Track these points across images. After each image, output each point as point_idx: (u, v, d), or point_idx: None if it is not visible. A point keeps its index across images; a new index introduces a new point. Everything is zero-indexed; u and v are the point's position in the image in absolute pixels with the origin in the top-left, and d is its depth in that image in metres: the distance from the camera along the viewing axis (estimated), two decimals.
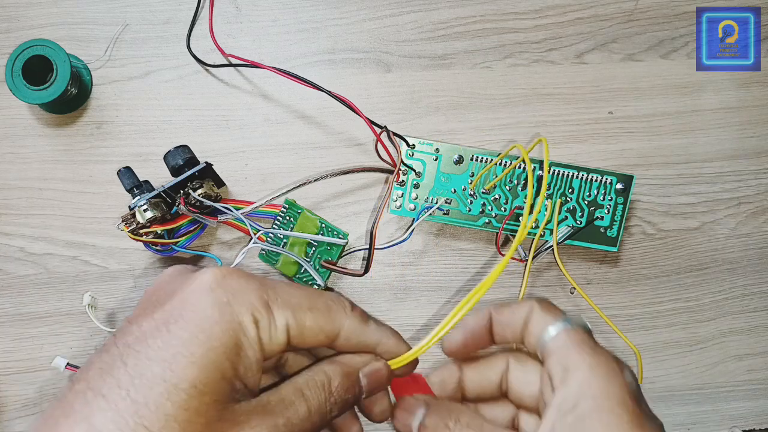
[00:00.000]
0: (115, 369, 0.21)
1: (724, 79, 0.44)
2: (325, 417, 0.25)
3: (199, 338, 0.22)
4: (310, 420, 0.24)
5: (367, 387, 0.26)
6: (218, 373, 0.22)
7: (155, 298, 0.24)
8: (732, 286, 0.44)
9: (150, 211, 0.37)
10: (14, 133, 0.42)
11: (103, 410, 0.20)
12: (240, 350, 0.23)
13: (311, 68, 0.42)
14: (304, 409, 0.24)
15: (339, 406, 0.25)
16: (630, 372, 0.26)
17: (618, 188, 0.40)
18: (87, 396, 0.21)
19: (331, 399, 0.25)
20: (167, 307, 0.23)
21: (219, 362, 0.22)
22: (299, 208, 0.40)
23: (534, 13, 0.43)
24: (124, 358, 0.22)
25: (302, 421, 0.24)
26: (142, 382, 0.21)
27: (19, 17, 0.42)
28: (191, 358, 0.21)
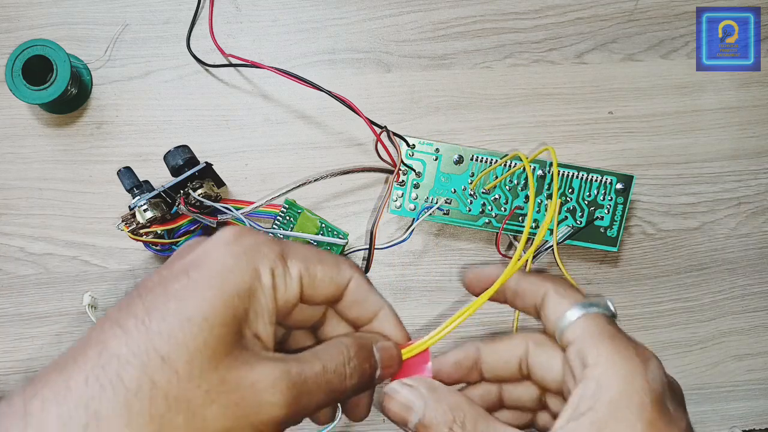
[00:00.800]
0: (132, 305, 0.23)
1: (724, 79, 0.44)
2: (344, 380, 0.25)
3: (214, 281, 0.23)
4: (326, 377, 0.25)
5: (380, 362, 0.27)
6: (230, 311, 0.23)
7: (177, 255, 0.25)
8: (732, 286, 0.44)
9: (150, 211, 0.37)
10: (14, 133, 0.42)
11: (117, 336, 0.22)
12: (253, 295, 0.24)
13: (311, 68, 0.42)
14: (318, 366, 0.25)
15: (358, 373, 0.26)
16: (655, 366, 0.25)
17: (618, 188, 0.40)
18: (104, 326, 0.22)
19: (350, 363, 0.26)
20: (187, 259, 0.24)
21: (231, 302, 0.23)
22: (299, 208, 0.40)
23: (534, 13, 0.43)
24: (143, 297, 0.23)
25: (317, 376, 0.24)
26: (157, 314, 0.22)
27: (19, 17, 0.42)
28: (205, 295, 0.23)
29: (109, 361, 0.21)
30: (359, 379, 0.26)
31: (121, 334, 0.22)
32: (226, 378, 0.22)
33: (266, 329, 0.24)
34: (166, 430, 0.21)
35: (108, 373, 0.21)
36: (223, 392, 0.22)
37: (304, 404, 0.24)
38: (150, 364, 0.21)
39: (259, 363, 0.23)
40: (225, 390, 0.22)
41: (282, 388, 0.23)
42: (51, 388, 0.21)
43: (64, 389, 0.21)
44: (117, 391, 0.21)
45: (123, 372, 0.21)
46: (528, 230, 0.34)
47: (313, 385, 0.24)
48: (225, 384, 0.22)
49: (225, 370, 0.22)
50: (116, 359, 0.21)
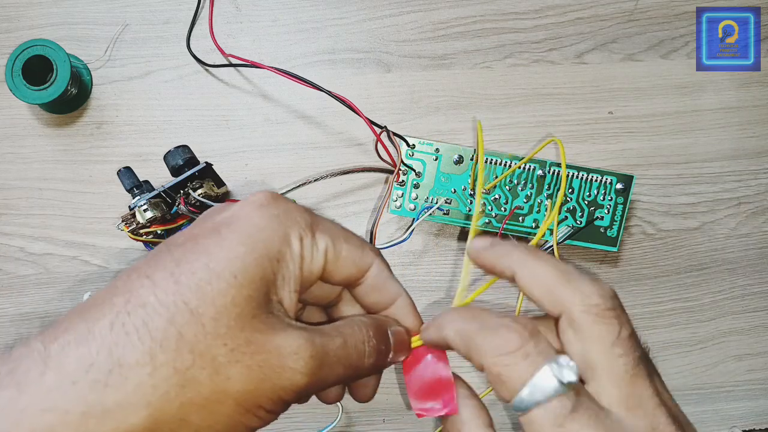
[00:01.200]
0: (161, 259, 0.22)
1: (724, 79, 0.44)
2: (363, 358, 0.25)
3: (246, 240, 0.23)
4: (347, 351, 0.24)
5: (393, 345, 0.27)
6: (259, 272, 0.22)
7: (206, 216, 0.25)
8: (732, 286, 0.44)
9: (150, 211, 0.37)
10: (14, 133, 0.42)
11: (145, 287, 0.21)
12: (282, 259, 0.23)
13: (311, 68, 0.42)
14: (340, 340, 0.24)
15: (375, 352, 0.26)
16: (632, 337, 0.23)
17: (618, 188, 0.40)
18: (131, 277, 0.22)
19: (369, 342, 0.25)
20: (218, 218, 0.24)
21: (261, 263, 0.23)
22: None
23: (534, 13, 0.43)
24: (172, 251, 0.23)
25: (338, 349, 0.24)
26: (187, 267, 0.22)
27: (19, 17, 0.42)
28: (235, 253, 0.22)
29: (135, 309, 0.21)
30: (376, 358, 0.26)
31: (149, 285, 0.21)
32: (251, 339, 0.22)
33: (291, 297, 0.24)
34: (189, 384, 0.21)
35: (134, 320, 0.20)
36: (248, 353, 0.22)
37: (324, 376, 0.24)
38: (178, 315, 0.21)
39: (284, 328, 0.23)
40: (250, 351, 0.22)
41: (305, 356, 0.23)
42: (73, 332, 0.20)
43: (86, 333, 0.20)
44: (143, 340, 0.20)
45: (150, 321, 0.21)
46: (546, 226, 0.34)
47: (334, 357, 0.24)
48: (250, 345, 0.22)
49: (251, 331, 0.22)
50: (143, 308, 0.21)
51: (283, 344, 0.22)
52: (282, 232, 0.24)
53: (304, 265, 0.24)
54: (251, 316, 0.22)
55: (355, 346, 0.25)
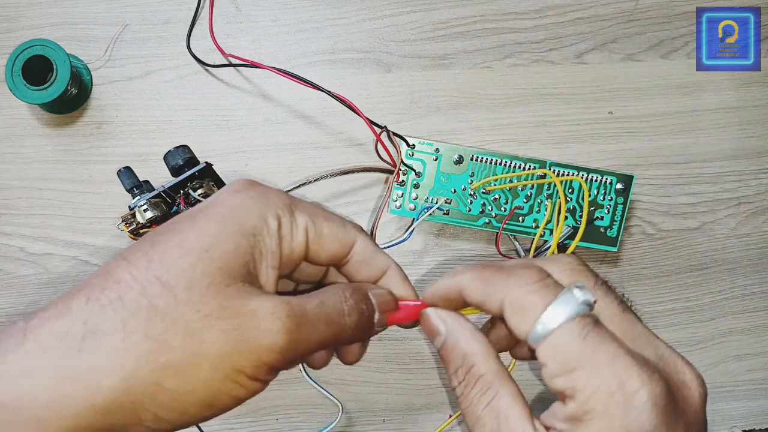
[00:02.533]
0: (139, 243, 0.24)
1: (724, 79, 0.44)
2: (343, 317, 0.25)
3: (219, 219, 0.24)
4: (325, 310, 0.25)
5: (378, 305, 0.27)
6: (231, 245, 0.23)
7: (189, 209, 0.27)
8: (732, 286, 0.44)
9: (150, 211, 0.37)
10: (14, 133, 0.42)
11: (121, 266, 0.23)
12: (258, 234, 0.24)
13: (311, 68, 0.42)
14: (317, 300, 0.25)
15: (356, 311, 0.26)
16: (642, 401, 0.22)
17: (618, 188, 0.40)
18: (110, 262, 0.24)
19: (347, 302, 0.26)
20: (196, 207, 0.25)
21: (233, 238, 0.23)
22: None
23: (534, 13, 0.43)
24: (151, 237, 0.24)
25: (315, 308, 0.24)
26: (160, 248, 0.23)
27: (19, 17, 0.42)
28: (207, 229, 0.24)
29: (110, 285, 0.22)
30: (358, 316, 0.26)
31: (125, 264, 0.23)
32: (225, 304, 0.22)
33: (269, 272, 0.24)
34: (162, 348, 0.22)
35: (108, 294, 0.22)
36: (222, 317, 0.22)
37: (305, 335, 0.24)
38: (150, 288, 0.22)
39: (259, 294, 0.23)
40: (224, 315, 0.22)
41: (282, 315, 0.23)
42: (52, 309, 0.22)
43: (63, 308, 0.22)
44: (116, 310, 0.22)
45: (123, 294, 0.22)
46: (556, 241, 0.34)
47: (313, 316, 0.24)
48: (224, 310, 0.22)
49: (224, 297, 0.22)
50: (118, 284, 0.22)
51: (258, 307, 0.23)
52: (257, 210, 0.25)
53: (283, 243, 0.25)
54: (225, 285, 0.23)
55: (333, 305, 0.25)
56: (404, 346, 0.43)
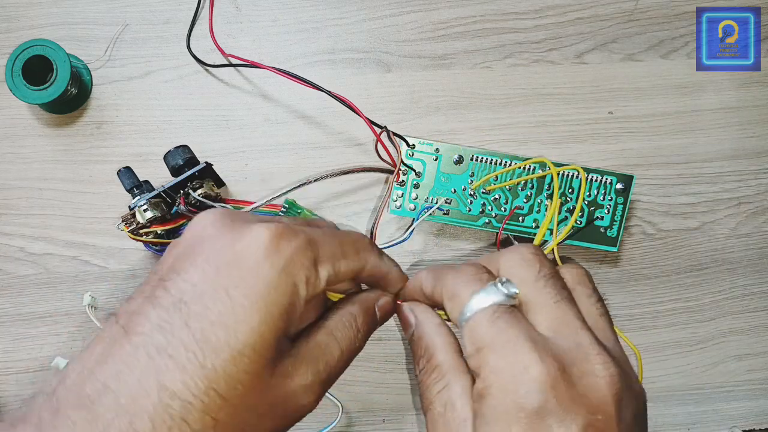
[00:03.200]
0: (175, 328, 0.22)
1: (724, 79, 0.44)
2: (354, 353, 0.28)
3: (260, 305, 0.23)
4: (343, 359, 0.27)
5: (380, 317, 0.29)
6: (274, 335, 0.23)
7: (200, 248, 0.24)
8: (732, 286, 0.44)
9: (150, 211, 0.37)
10: (14, 133, 0.42)
11: (171, 371, 0.22)
12: (292, 308, 0.24)
13: (311, 68, 0.42)
14: (337, 351, 0.27)
15: (364, 338, 0.28)
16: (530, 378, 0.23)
17: (618, 188, 0.40)
18: (150, 351, 0.22)
19: (358, 335, 0.28)
20: (220, 263, 0.24)
21: (276, 325, 0.24)
22: (299, 208, 0.40)
23: (534, 13, 0.43)
24: (185, 319, 0.23)
25: (337, 361, 0.27)
26: (209, 347, 0.22)
27: (19, 17, 0.42)
28: (253, 324, 0.23)
29: (171, 402, 0.22)
30: (363, 342, 0.28)
31: (174, 369, 0.22)
32: (273, 401, 0.24)
33: (295, 330, 0.26)
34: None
35: (173, 415, 0.21)
36: (270, 412, 0.24)
37: (327, 389, 0.27)
38: (211, 404, 0.22)
39: (295, 371, 0.25)
40: (272, 409, 0.24)
41: (315, 389, 0.26)
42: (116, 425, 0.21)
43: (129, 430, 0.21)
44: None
45: (187, 415, 0.22)
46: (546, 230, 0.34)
47: (335, 371, 0.27)
48: (272, 405, 0.24)
49: (271, 392, 0.24)
50: (177, 399, 0.22)
51: (297, 389, 0.25)
52: (292, 283, 0.24)
53: (307, 299, 0.25)
54: (269, 377, 0.24)
55: (350, 347, 0.27)
56: (404, 346, 0.43)
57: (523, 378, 0.23)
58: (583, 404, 0.23)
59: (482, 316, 0.25)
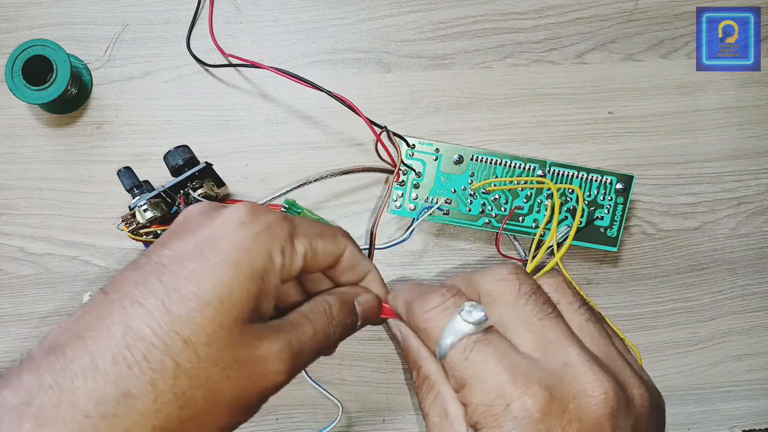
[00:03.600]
0: (150, 283, 0.24)
1: (724, 79, 0.44)
2: (330, 337, 0.28)
3: (231, 263, 0.24)
4: (316, 339, 0.27)
5: (361, 314, 0.30)
6: (244, 294, 0.24)
7: (186, 226, 0.26)
8: (732, 286, 0.44)
9: (150, 211, 0.37)
10: (14, 133, 0.42)
11: (140, 316, 0.23)
12: (265, 275, 0.25)
13: (311, 68, 0.42)
14: (310, 330, 0.27)
15: (340, 328, 0.29)
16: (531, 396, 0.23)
17: (618, 188, 0.40)
18: (124, 303, 0.23)
19: (333, 322, 0.28)
20: (200, 235, 0.25)
21: (246, 284, 0.24)
22: (299, 208, 0.40)
23: (534, 13, 0.43)
24: (160, 275, 0.24)
25: (309, 340, 0.27)
26: (177, 296, 0.23)
27: (19, 17, 0.42)
28: (222, 278, 0.24)
29: (134, 342, 0.22)
30: (341, 332, 0.29)
31: (143, 314, 0.23)
32: (239, 356, 0.24)
33: (270, 303, 0.26)
34: (188, 404, 0.23)
35: (134, 354, 0.22)
36: (236, 368, 0.24)
37: (299, 366, 0.26)
38: (173, 346, 0.23)
39: (266, 336, 0.25)
40: (238, 366, 0.24)
41: (285, 357, 0.25)
42: (78, 363, 0.22)
43: (92, 366, 0.22)
44: (144, 371, 0.22)
45: (149, 354, 0.22)
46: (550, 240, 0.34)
47: (307, 348, 0.27)
48: (238, 361, 0.24)
49: (238, 347, 0.24)
50: (141, 341, 0.22)
51: (266, 353, 0.25)
52: (265, 249, 0.25)
53: (283, 272, 0.26)
54: (238, 333, 0.24)
55: (324, 330, 0.28)
56: None
57: (506, 416, 0.23)
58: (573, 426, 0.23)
59: (455, 353, 0.25)
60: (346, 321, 0.29)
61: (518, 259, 0.42)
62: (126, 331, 0.22)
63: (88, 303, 0.24)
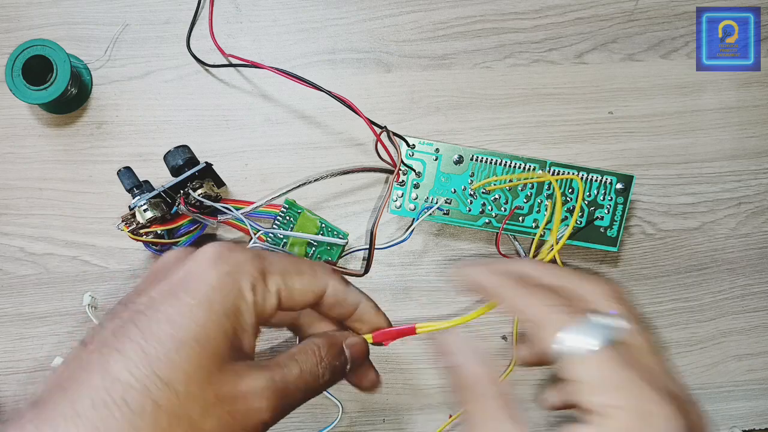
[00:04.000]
0: (127, 329, 0.24)
1: (724, 79, 0.44)
2: (318, 379, 0.28)
3: (204, 303, 0.25)
4: (303, 378, 0.27)
5: (350, 356, 0.30)
6: (220, 332, 0.25)
7: (161, 272, 0.27)
8: (732, 286, 0.44)
9: (150, 211, 0.37)
10: (14, 133, 0.42)
11: (118, 361, 0.23)
12: (239, 313, 0.26)
13: (311, 68, 0.42)
14: (296, 369, 0.27)
15: (329, 370, 0.28)
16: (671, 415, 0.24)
17: (618, 188, 0.40)
18: (102, 351, 0.24)
19: (321, 363, 0.28)
20: (174, 279, 0.26)
21: (220, 322, 0.25)
22: (299, 208, 0.40)
23: (534, 13, 0.43)
24: (136, 321, 0.24)
25: (296, 379, 0.27)
26: (154, 338, 0.24)
27: (19, 17, 0.42)
28: (196, 318, 0.24)
29: (113, 386, 0.22)
30: (331, 375, 0.29)
31: (120, 359, 0.23)
32: (219, 393, 0.24)
33: (250, 341, 0.26)
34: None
35: (113, 396, 0.22)
36: (217, 405, 0.24)
37: (286, 405, 0.26)
38: (152, 387, 0.23)
39: (247, 374, 0.25)
40: (219, 403, 0.24)
41: (268, 395, 0.25)
42: (60, 412, 0.22)
43: (72, 414, 0.22)
44: (123, 414, 0.22)
45: (127, 396, 0.22)
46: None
47: (293, 388, 0.27)
48: (219, 398, 0.24)
49: (218, 384, 0.24)
50: (119, 384, 0.22)
51: (248, 390, 0.25)
52: (236, 287, 0.26)
53: (257, 309, 0.26)
54: (217, 371, 0.24)
55: (311, 371, 0.28)
56: (404, 347, 0.43)
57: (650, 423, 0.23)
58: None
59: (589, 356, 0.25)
60: (335, 363, 0.29)
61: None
62: (104, 376, 0.23)
63: (69, 356, 0.25)
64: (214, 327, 0.24)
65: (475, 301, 0.42)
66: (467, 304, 0.43)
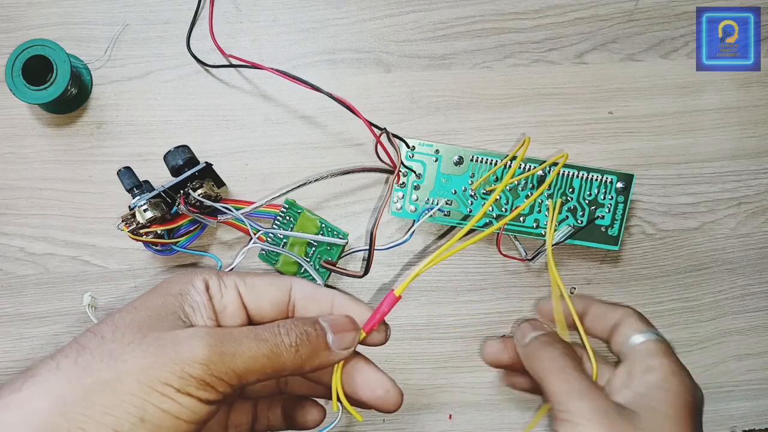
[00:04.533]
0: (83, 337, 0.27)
1: (724, 79, 0.44)
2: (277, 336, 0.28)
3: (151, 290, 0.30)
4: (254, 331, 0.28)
5: (330, 327, 0.30)
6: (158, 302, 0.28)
7: None
8: (732, 286, 0.44)
9: (150, 211, 0.37)
10: (14, 133, 0.42)
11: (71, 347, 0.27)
12: (185, 293, 0.29)
13: (311, 68, 0.42)
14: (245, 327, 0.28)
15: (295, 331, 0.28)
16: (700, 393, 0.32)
17: (618, 187, 0.40)
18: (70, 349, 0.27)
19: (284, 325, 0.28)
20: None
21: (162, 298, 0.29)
22: (299, 208, 0.40)
23: (534, 13, 0.43)
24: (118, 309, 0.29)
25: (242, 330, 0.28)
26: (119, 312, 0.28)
27: (19, 17, 0.42)
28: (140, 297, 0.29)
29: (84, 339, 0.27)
30: (298, 336, 0.28)
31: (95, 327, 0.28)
32: (148, 334, 0.26)
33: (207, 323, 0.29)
34: (88, 371, 0.25)
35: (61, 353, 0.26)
36: (144, 341, 0.26)
37: (232, 348, 0.26)
38: (82, 337, 0.27)
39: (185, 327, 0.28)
40: (146, 340, 0.26)
41: (201, 333, 0.26)
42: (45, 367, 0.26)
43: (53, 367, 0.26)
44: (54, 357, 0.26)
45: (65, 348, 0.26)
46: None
47: (239, 334, 0.27)
48: (147, 337, 0.26)
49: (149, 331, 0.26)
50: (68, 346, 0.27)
51: (180, 331, 0.26)
52: (183, 278, 0.30)
53: (214, 299, 0.30)
54: (152, 328, 0.27)
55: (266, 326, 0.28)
56: (404, 346, 0.43)
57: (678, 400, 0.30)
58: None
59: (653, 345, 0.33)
60: (305, 328, 0.29)
61: (519, 259, 0.42)
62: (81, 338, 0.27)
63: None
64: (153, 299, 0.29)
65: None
66: (467, 302, 0.43)
